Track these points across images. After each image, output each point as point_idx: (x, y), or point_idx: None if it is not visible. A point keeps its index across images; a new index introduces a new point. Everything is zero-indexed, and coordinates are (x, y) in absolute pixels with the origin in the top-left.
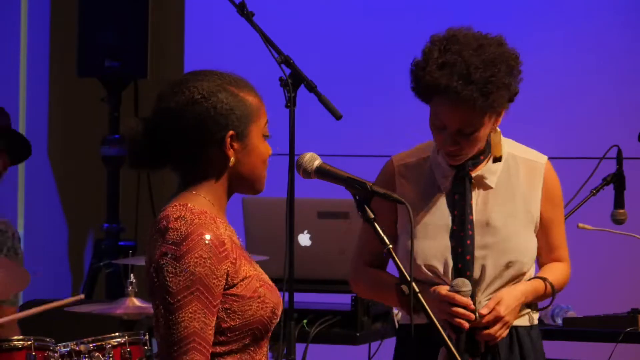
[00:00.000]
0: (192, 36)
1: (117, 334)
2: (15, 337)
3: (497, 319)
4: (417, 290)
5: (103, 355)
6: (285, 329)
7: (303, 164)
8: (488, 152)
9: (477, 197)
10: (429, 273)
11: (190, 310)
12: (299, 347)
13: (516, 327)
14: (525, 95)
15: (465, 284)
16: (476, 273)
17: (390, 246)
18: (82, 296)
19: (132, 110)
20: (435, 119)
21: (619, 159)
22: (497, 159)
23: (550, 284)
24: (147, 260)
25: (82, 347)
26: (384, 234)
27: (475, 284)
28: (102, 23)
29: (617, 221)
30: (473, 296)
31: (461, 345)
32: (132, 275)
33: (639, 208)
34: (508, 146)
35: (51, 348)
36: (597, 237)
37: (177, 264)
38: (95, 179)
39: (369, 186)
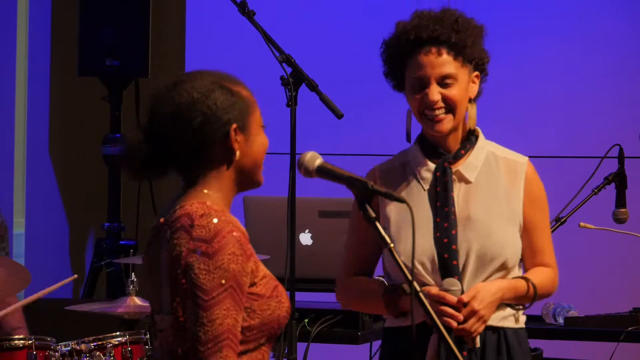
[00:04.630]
0: (193, 35)
1: (118, 333)
2: (16, 337)
3: (472, 314)
4: (418, 289)
5: (104, 355)
6: (287, 329)
7: (304, 163)
8: (470, 147)
9: (458, 191)
10: (419, 267)
11: (224, 307)
12: (300, 347)
13: (503, 328)
14: (527, 94)
15: (455, 284)
16: (459, 266)
17: (392, 245)
18: (75, 276)
19: (133, 110)
20: (414, 76)
21: (621, 158)
22: (471, 132)
23: (533, 284)
24: (166, 257)
25: (83, 346)
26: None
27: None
28: (103, 22)
29: (619, 220)
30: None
31: (451, 340)
32: (133, 274)
33: None
34: (490, 146)
35: (52, 347)
36: (598, 236)
37: (210, 261)
38: (96, 178)
39: (369, 185)
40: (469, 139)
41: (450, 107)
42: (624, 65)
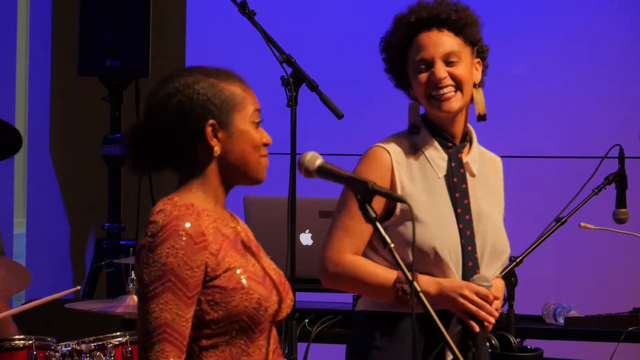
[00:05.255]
0: (193, 35)
1: (118, 333)
2: (17, 337)
3: (496, 312)
4: (418, 289)
5: (104, 355)
6: (287, 329)
7: (304, 163)
8: (470, 139)
9: (467, 184)
10: (445, 259)
11: (161, 301)
12: (301, 347)
13: None
14: (527, 94)
15: (487, 279)
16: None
17: (392, 245)
18: (78, 287)
19: (133, 110)
20: (418, 59)
21: (621, 158)
22: (481, 117)
23: (505, 285)
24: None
25: (83, 347)
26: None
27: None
28: (103, 22)
29: (619, 220)
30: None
31: (479, 337)
32: (132, 273)
33: None
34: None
35: (52, 347)
36: (599, 236)
37: (151, 255)
38: (96, 179)
39: (370, 185)
40: (467, 133)
41: (458, 85)
42: (624, 65)
